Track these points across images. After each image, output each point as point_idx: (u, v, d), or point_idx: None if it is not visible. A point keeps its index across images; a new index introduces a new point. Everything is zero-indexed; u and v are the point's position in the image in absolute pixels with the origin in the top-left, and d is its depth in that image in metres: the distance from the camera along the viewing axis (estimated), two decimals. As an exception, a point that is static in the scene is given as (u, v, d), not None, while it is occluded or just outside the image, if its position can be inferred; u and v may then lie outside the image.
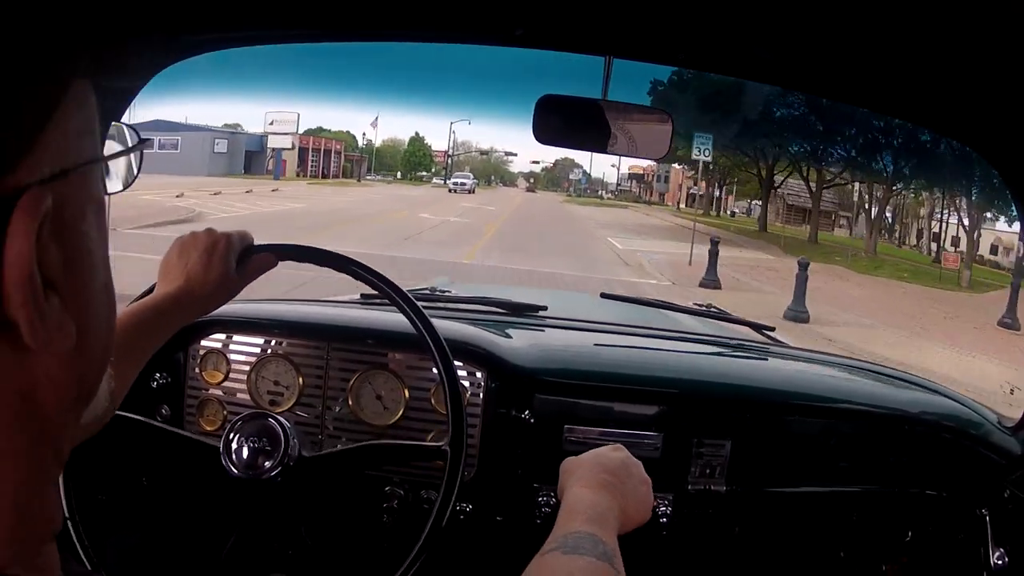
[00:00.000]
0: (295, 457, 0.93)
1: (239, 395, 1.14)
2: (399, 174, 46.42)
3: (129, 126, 0.51)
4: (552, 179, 56.46)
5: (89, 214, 0.34)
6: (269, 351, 1.15)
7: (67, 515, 0.88)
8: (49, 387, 0.32)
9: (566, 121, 1.02)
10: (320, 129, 38.94)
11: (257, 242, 0.92)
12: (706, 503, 1.16)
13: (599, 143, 1.02)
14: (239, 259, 0.88)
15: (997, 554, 1.14)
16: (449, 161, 49.04)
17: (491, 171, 57.91)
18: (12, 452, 0.31)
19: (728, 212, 33.58)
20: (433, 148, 48.85)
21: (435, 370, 0.96)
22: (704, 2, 0.82)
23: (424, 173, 48.45)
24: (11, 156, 0.28)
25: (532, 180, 55.33)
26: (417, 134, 48.86)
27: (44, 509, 0.34)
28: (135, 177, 0.52)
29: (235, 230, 0.90)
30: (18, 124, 0.28)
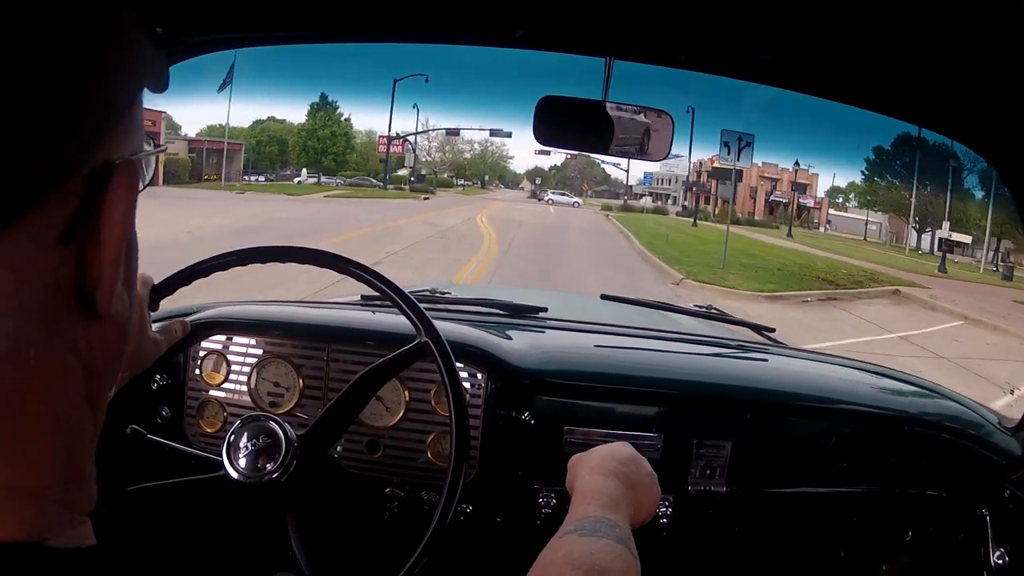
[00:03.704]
0: (295, 442, 0.93)
1: (239, 396, 1.14)
2: (304, 173, 29.35)
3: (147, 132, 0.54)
4: (564, 180, 46.07)
5: (134, 203, 0.36)
6: (270, 352, 1.14)
7: None
8: (104, 355, 0.35)
9: (567, 122, 1.02)
10: (271, 119, 30.02)
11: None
12: (706, 504, 1.16)
13: (600, 144, 1.02)
14: (151, 303, 0.93)
15: (997, 554, 1.14)
16: (413, 149, 31.24)
17: (486, 169, 45.45)
18: (67, 413, 0.33)
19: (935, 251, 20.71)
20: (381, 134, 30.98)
21: (439, 376, 0.96)
22: (704, 3, 0.82)
23: (348, 173, 29.94)
24: (108, 125, 0.31)
25: (539, 181, 44.11)
26: (325, 97, 29.67)
27: (87, 478, 0.35)
28: (149, 182, 0.55)
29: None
30: (118, 99, 0.32)
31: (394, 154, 30.91)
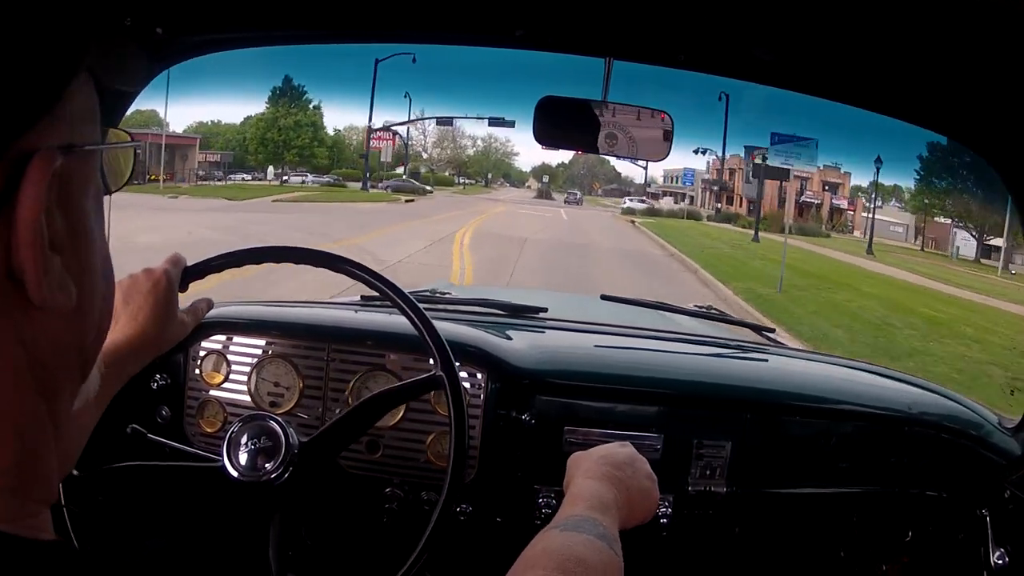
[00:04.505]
0: (296, 447, 0.93)
1: (239, 396, 1.14)
2: (271, 171, 24.21)
3: (123, 129, 0.53)
4: (571, 178, 42.77)
5: (91, 195, 0.37)
6: (269, 352, 1.14)
7: (63, 502, 0.87)
8: (51, 345, 0.35)
9: (566, 122, 1.02)
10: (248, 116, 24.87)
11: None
12: (706, 504, 1.16)
13: (600, 145, 1.02)
14: (180, 284, 0.92)
15: (997, 554, 1.14)
16: (405, 143, 26.95)
17: (490, 166, 40.79)
18: (16, 403, 0.33)
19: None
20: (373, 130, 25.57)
21: (431, 361, 0.96)
22: (704, 4, 0.82)
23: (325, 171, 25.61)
24: (29, 119, 0.32)
25: (546, 179, 39.55)
26: (289, 81, 24.73)
27: (44, 471, 0.35)
28: (128, 179, 0.53)
29: (167, 259, 0.91)
30: (35, 94, 0.32)
31: (379, 148, 26.23)
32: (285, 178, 25.51)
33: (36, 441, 0.35)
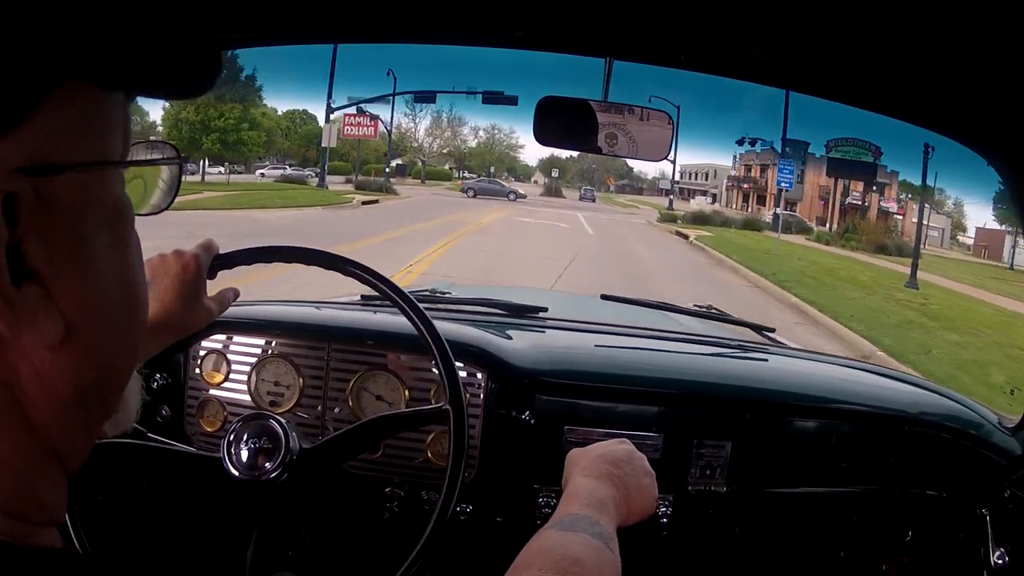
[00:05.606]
0: (296, 452, 0.93)
1: (239, 396, 1.14)
2: (214, 165, 19.90)
3: (166, 143, 0.48)
4: (583, 172, 39.70)
5: (93, 218, 0.34)
6: (269, 352, 1.15)
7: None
8: (36, 381, 0.32)
9: (567, 122, 1.02)
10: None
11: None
12: (706, 504, 1.16)
13: (601, 144, 1.02)
14: (209, 270, 0.90)
15: (997, 553, 1.14)
16: (388, 129, 22.41)
17: (493, 160, 36.94)
18: (1, 439, 0.32)
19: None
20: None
21: (435, 371, 0.96)
22: (704, 3, 0.82)
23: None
24: None
25: (555, 174, 35.00)
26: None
27: (42, 498, 0.34)
28: (171, 199, 0.47)
29: (199, 244, 0.90)
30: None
31: (366, 137, 21.29)
32: (261, 172, 21.55)
33: (31, 474, 0.33)
